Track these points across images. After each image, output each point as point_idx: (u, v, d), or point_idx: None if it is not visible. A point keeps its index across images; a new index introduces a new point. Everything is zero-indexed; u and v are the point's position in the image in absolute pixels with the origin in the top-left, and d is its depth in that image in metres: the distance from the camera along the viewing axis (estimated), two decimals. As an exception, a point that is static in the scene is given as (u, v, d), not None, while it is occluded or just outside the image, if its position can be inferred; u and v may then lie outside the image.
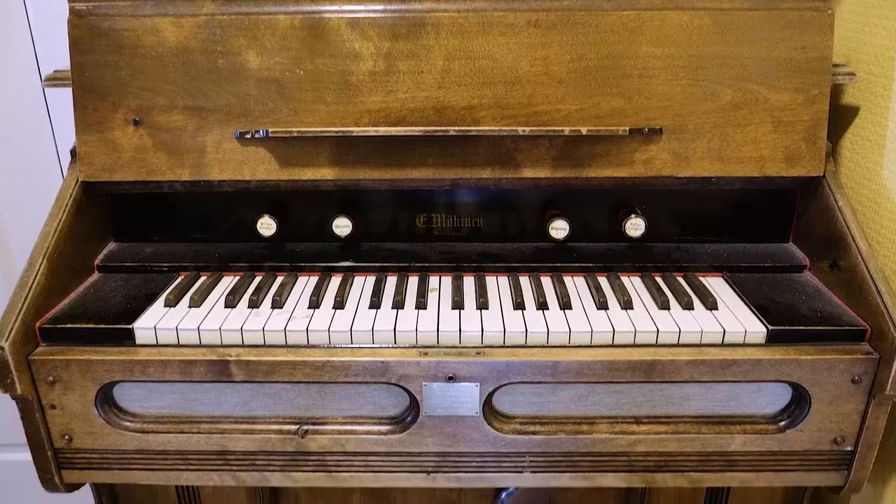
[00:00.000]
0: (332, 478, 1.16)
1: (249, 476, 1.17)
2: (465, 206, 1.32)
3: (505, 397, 1.14)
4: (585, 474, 1.17)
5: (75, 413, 1.14)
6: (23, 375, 1.09)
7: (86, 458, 1.17)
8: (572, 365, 1.08)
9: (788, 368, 1.09)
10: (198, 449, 1.16)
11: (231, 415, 1.16)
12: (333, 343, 1.11)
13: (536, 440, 1.14)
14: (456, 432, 1.13)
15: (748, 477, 1.17)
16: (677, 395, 1.14)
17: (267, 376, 1.09)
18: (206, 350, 1.11)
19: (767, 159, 1.24)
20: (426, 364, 1.07)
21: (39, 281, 1.14)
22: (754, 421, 1.16)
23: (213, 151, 1.25)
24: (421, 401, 1.10)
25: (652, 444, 1.14)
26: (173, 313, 1.16)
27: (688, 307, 1.17)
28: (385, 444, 1.14)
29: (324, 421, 1.15)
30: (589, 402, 1.14)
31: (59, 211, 1.23)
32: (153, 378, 1.11)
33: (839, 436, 1.14)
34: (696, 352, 1.09)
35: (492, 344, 1.11)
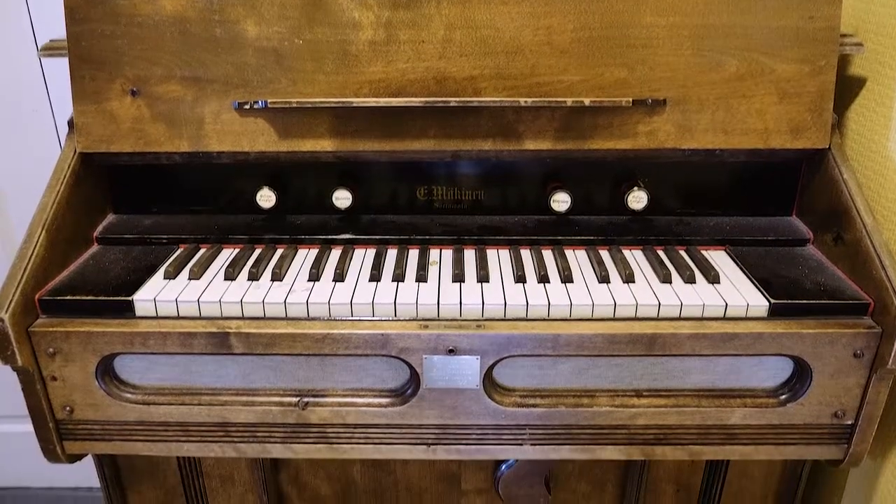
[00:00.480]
0: (332, 449, 1.17)
1: (250, 447, 1.18)
2: (466, 179, 1.31)
3: (505, 370, 1.13)
4: (585, 447, 1.17)
5: (76, 385, 1.14)
6: (23, 347, 1.09)
7: (87, 430, 1.18)
8: (573, 338, 1.07)
9: (790, 342, 1.08)
10: (199, 421, 1.16)
11: (231, 387, 1.16)
12: (334, 316, 1.11)
13: (536, 413, 1.14)
14: (456, 405, 1.13)
15: (748, 450, 1.18)
16: (678, 368, 1.13)
17: (267, 349, 1.09)
18: (206, 322, 1.11)
19: (772, 131, 1.22)
20: (426, 337, 1.07)
21: (38, 253, 1.14)
22: (755, 394, 1.16)
23: (212, 122, 1.24)
24: (421, 373, 1.10)
25: (652, 418, 1.14)
26: (173, 285, 1.16)
27: (690, 281, 1.16)
28: (385, 416, 1.14)
29: (324, 393, 1.15)
30: (589, 375, 1.14)
31: (58, 183, 1.22)
32: (153, 350, 1.11)
33: (840, 410, 1.14)
34: (698, 325, 1.09)
35: (492, 317, 1.10)
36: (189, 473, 1.40)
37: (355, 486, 1.43)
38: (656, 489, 1.41)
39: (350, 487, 1.43)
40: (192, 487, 1.42)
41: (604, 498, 1.43)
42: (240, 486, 1.41)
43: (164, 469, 1.40)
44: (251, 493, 1.42)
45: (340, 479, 1.42)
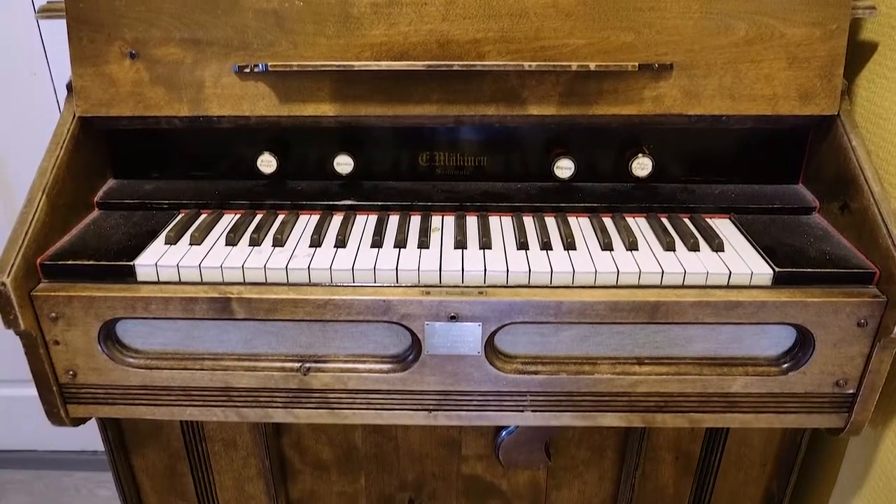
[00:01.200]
0: (334, 415, 1.17)
1: (252, 412, 1.18)
2: (468, 145, 1.30)
3: (507, 337, 1.13)
4: (586, 413, 1.17)
5: (79, 349, 1.14)
6: (25, 311, 1.09)
7: (91, 394, 1.18)
8: (575, 305, 1.07)
9: (794, 311, 1.08)
10: (201, 385, 1.16)
11: (233, 352, 1.16)
12: (335, 282, 1.11)
13: (538, 380, 1.14)
14: (457, 371, 1.13)
15: (748, 418, 1.18)
16: (680, 336, 1.13)
17: (269, 314, 1.09)
18: (207, 287, 1.10)
19: (780, 97, 1.20)
20: (428, 303, 1.07)
21: (39, 217, 1.13)
22: (757, 363, 1.16)
23: (212, 86, 1.23)
24: (423, 340, 1.10)
25: (653, 385, 1.15)
26: (174, 251, 1.15)
27: (693, 249, 1.15)
28: (387, 382, 1.14)
29: (326, 359, 1.15)
30: (591, 342, 1.13)
31: (57, 147, 1.21)
32: (155, 315, 1.11)
33: (842, 378, 1.13)
34: (701, 293, 1.08)
35: (494, 284, 1.10)
36: (192, 437, 1.41)
37: (357, 452, 1.44)
38: (656, 456, 1.42)
39: (352, 452, 1.44)
40: (195, 451, 1.43)
41: (603, 464, 1.44)
42: (242, 450, 1.43)
43: (167, 433, 1.41)
44: (253, 458, 1.44)
45: (342, 444, 1.43)
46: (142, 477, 1.48)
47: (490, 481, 1.48)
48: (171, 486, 1.49)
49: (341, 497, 1.51)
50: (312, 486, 1.49)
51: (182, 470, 1.47)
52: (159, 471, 1.47)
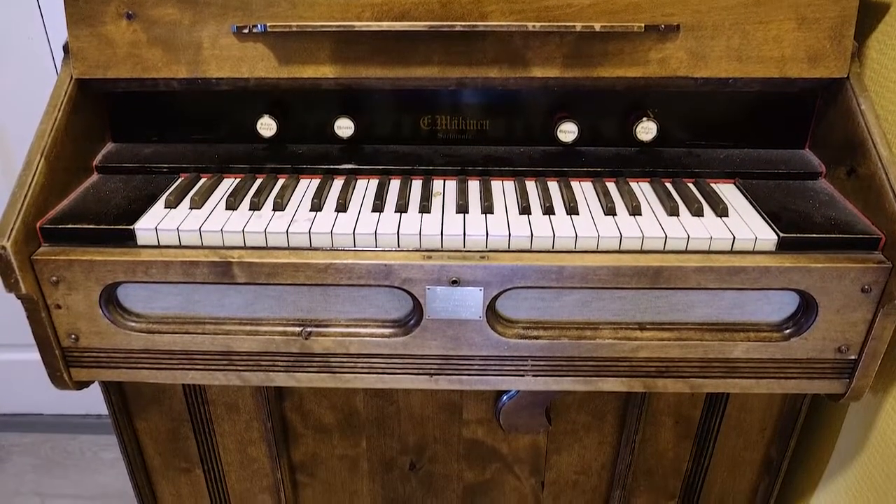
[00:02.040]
0: (335, 378, 1.18)
1: (254, 376, 1.19)
2: (470, 108, 1.28)
3: (508, 302, 1.13)
4: (587, 378, 1.17)
5: (80, 313, 1.14)
6: (26, 275, 1.09)
7: (93, 357, 1.19)
8: (577, 270, 1.06)
9: (797, 276, 1.07)
10: (203, 349, 1.17)
11: (235, 316, 1.16)
12: (336, 246, 1.10)
13: (539, 344, 1.14)
14: (459, 336, 1.13)
15: (749, 383, 1.18)
16: (682, 301, 1.13)
17: (269, 278, 1.09)
18: (208, 251, 1.10)
19: (789, 59, 1.18)
20: (430, 267, 1.06)
21: (38, 181, 1.12)
22: (759, 329, 1.15)
23: (210, 47, 1.21)
24: (424, 304, 1.10)
25: (654, 350, 1.14)
26: (174, 215, 1.14)
27: (697, 213, 1.14)
28: (388, 346, 1.14)
29: (327, 323, 1.15)
30: (593, 307, 1.13)
31: (55, 109, 1.19)
32: (156, 279, 1.10)
33: (844, 345, 1.13)
34: (704, 259, 1.08)
35: (496, 248, 1.09)
36: (194, 401, 1.42)
37: (358, 415, 1.45)
38: (656, 421, 1.43)
39: (353, 416, 1.45)
40: (198, 415, 1.44)
41: (603, 428, 1.45)
42: (245, 413, 1.44)
43: (170, 396, 1.42)
44: (256, 421, 1.45)
45: (344, 407, 1.44)
46: (145, 440, 1.50)
47: (491, 445, 1.49)
48: (175, 448, 1.50)
49: (343, 460, 1.52)
50: (315, 449, 1.50)
51: (185, 433, 1.48)
52: (162, 434, 1.48)
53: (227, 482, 1.56)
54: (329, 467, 1.54)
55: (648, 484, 1.53)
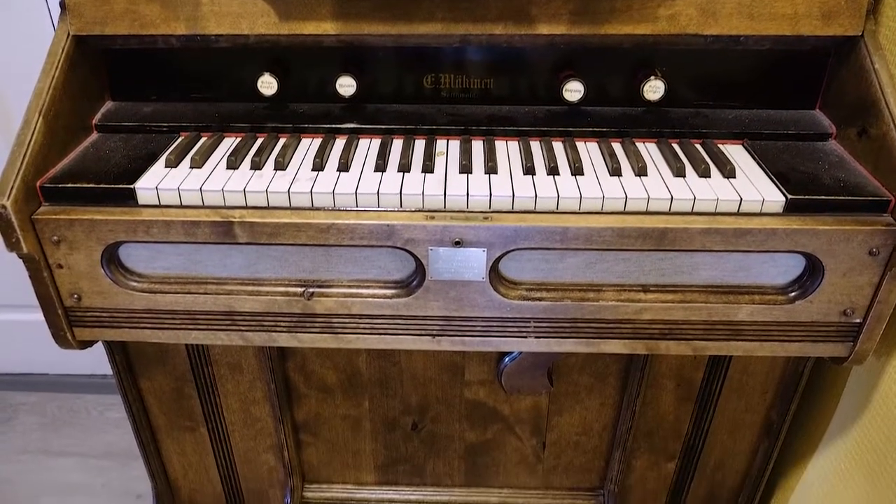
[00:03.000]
0: (338, 339, 1.18)
1: (257, 336, 1.19)
2: (474, 66, 1.25)
3: (511, 263, 1.12)
4: (589, 340, 1.17)
5: (82, 273, 1.14)
6: (27, 235, 1.08)
7: (96, 317, 1.19)
8: (582, 231, 1.05)
9: (804, 238, 1.06)
10: (205, 309, 1.16)
11: (237, 276, 1.16)
12: (338, 206, 1.09)
13: (542, 306, 1.13)
14: (461, 297, 1.12)
15: (752, 346, 1.18)
16: (687, 263, 1.12)
17: (271, 238, 1.08)
18: (209, 211, 1.09)
19: (802, 16, 1.15)
20: (432, 228, 1.05)
21: (37, 139, 1.11)
22: (763, 291, 1.15)
23: (209, 3, 1.18)
24: (427, 265, 1.09)
25: (658, 313, 1.14)
26: (175, 174, 1.13)
27: (704, 175, 1.12)
28: (390, 307, 1.14)
29: (329, 284, 1.15)
30: (597, 269, 1.12)
31: (52, 67, 1.17)
32: (157, 239, 1.10)
33: (849, 308, 1.13)
34: (710, 220, 1.06)
35: (500, 209, 1.08)
36: (198, 361, 1.43)
37: (361, 376, 1.45)
38: (657, 384, 1.43)
39: (355, 377, 1.45)
40: (202, 375, 1.45)
41: (605, 390, 1.45)
42: (248, 373, 1.44)
43: (173, 356, 1.43)
44: (259, 381, 1.45)
45: (346, 368, 1.44)
46: (150, 399, 1.51)
47: (492, 406, 1.50)
48: (179, 408, 1.52)
49: (346, 420, 1.53)
50: (318, 409, 1.51)
51: (189, 392, 1.49)
52: (167, 393, 1.49)
53: (231, 441, 1.58)
54: (332, 427, 1.55)
55: (649, 445, 1.54)
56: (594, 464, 1.59)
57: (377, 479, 1.66)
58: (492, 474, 1.63)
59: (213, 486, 1.68)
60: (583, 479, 1.62)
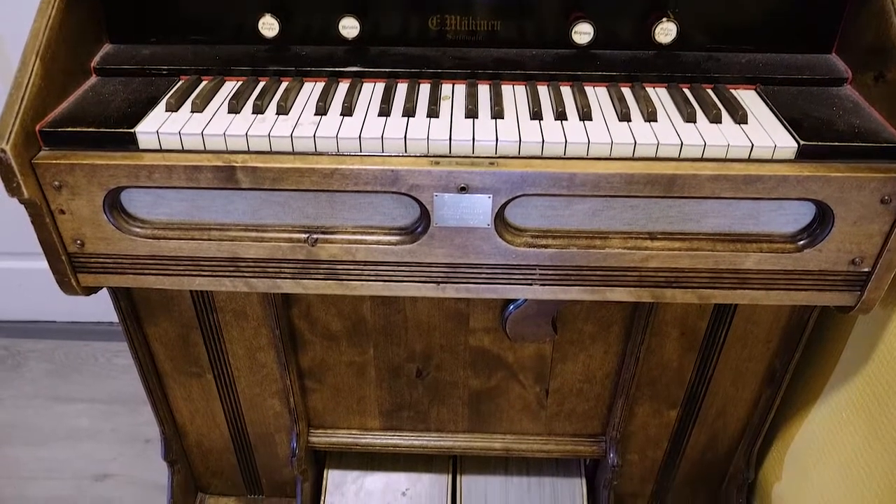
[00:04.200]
0: (342, 286, 1.17)
1: (261, 282, 1.18)
2: (481, 7, 1.21)
3: (517, 210, 1.11)
4: (595, 288, 1.17)
5: (85, 218, 1.13)
6: (28, 180, 1.07)
7: (99, 263, 1.18)
8: (589, 177, 1.04)
9: (815, 186, 1.04)
10: (209, 255, 1.16)
11: (240, 222, 1.15)
12: (342, 151, 1.07)
13: (547, 253, 1.12)
14: (466, 244, 1.11)
15: (758, 295, 1.17)
16: (695, 211, 1.10)
17: (275, 184, 1.07)
18: (211, 156, 1.07)
19: (821, -45, 1.11)
20: (437, 174, 1.04)
21: (34, 82, 1.09)
22: (772, 240, 1.13)
23: (207, -61, 1.14)
24: (432, 211, 1.08)
25: (664, 261, 1.13)
26: (175, 118, 1.11)
27: (715, 120, 1.10)
28: (395, 254, 1.13)
29: (333, 230, 1.14)
30: (604, 216, 1.11)
31: (48, 6, 1.14)
32: (159, 184, 1.09)
33: (858, 256, 1.11)
34: (720, 167, 1.05)
35: (506, 154, 1.06)
36: (203, 308, 1.43)
37: (365, 323, 1.46)
38: (661, 332, 1.43)
39: (360, 324, 1.46)
40: (207, 321, 1.46)
41: (609, 338, 1.46)
42: (253, 320, 1.45)
43: (178, 303, 1.43)
44: (264, 328, 1.46)
45: (351, 315, 1.44)
46: (156, 346, 1.52)
47: (496, 354, 1.51)
48: (185, 354, 1.53)
49: (351, 367, 1.54)
50: (323, 356, 1.52)
51: (195, 339, 1.50)
52: (172, 340, 1.50)
53: (238, 387, 1.59)
54: (337, 374, 1.56)
55: (651, 393, 1.55)
56: (597, 411, 1.61)
57: (382, 425, 1.68)
58: (495, 421, 1.65)
59: (221, 431, 1.70)
60: (585, 425, 1.64)
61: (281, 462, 1.77)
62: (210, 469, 1.82)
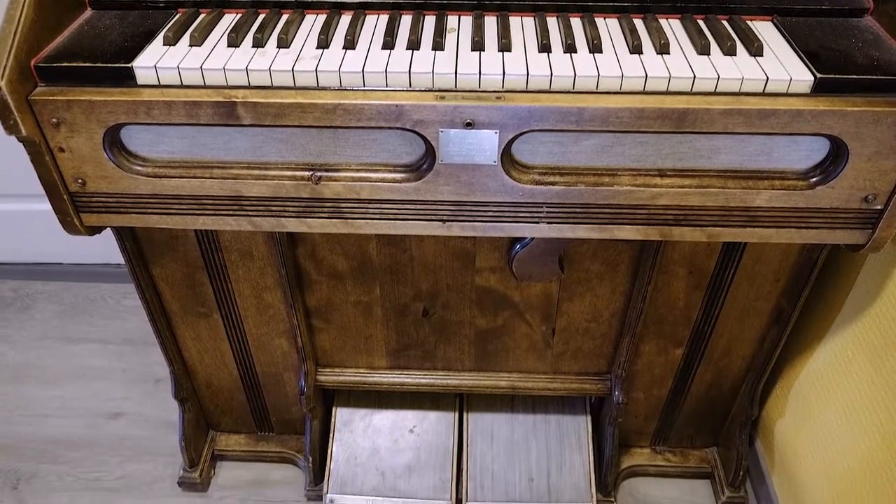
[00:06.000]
0: (347, 224, 1.16)
1: (265, 221, 1.17)
2: (489, -66, 1.17)
3: (524, 146, 1.09)
4: (602, 226, 1.15)
5: (85, 156, 1.11)
6: (25, 117, 1.05)
7: (102, 202, 1.17)
8: (599, 112, 1.01)
9: (831, 121, 1.01)
10: (212, 194, 1.15)
11: (243, 160, 1.13)
12: (345, 85, 1.04)
13: (555, 191, 1.11)
14: (472, 181, 1.10)
15: (768, 233, 1.16)
16: (706, 147, 1.08)
17: (276, 120, 1.04)
18: (211, 91, 1.05)
19: None
20: (443, 108, 1.01)
21: (27, 15, 1.06)
22: (784, 176, 1.11)
23: None
24: (437, 148, 1.06)
25: (673, 198, 1.11)
26: (174, 52, 1.08)
27: (730, 53, 1.07)
28: (400, 191, 1.12)
29: (337, 168, 1.12)
30: (612, 153, 1.09)
31: (38, -67, 1.10)
32: (159, 121, 1.07)
33: (871, 193, 1.09)
34: (734, 101, 1.02)
35: (513, 89, 1.03)
36: (208, 247, 1.43)
37: (371, 263, 1.45)
38: (668, 271, 1.42)
39: (366, 264, 1.45)
40: (212, 261, 1.45)
41: (616, 277, 1.45)
42: (259, 260, 1.44)
43: (183, 243, 1.42)
44: (270, 268, 1.46)
45: (356, 255, 1.44)
46: (162, 286, 1.52)
47: (503, 293, 1.51)
48: (192, 294, 1.53)
49: (357, 306, 1.55)
50: (329, 295, 1.52)
51: (201, 279, 1.50)
52: (179, 280, 1.50)
53: (245, 327, 1.60)
54: (343, 313, 1.57)
55: (658, 331, 1.55)
56: (602, 350, 1.61)
57: (389, 364, 1.69)
58: (501, 359, 1.66)
59: (230, 370, 1.72)
60: (591, 364, 1.65)
61: (290, 401, 1.80)
62: (220, 407, 1.85)
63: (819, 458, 1.53)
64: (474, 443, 1.79)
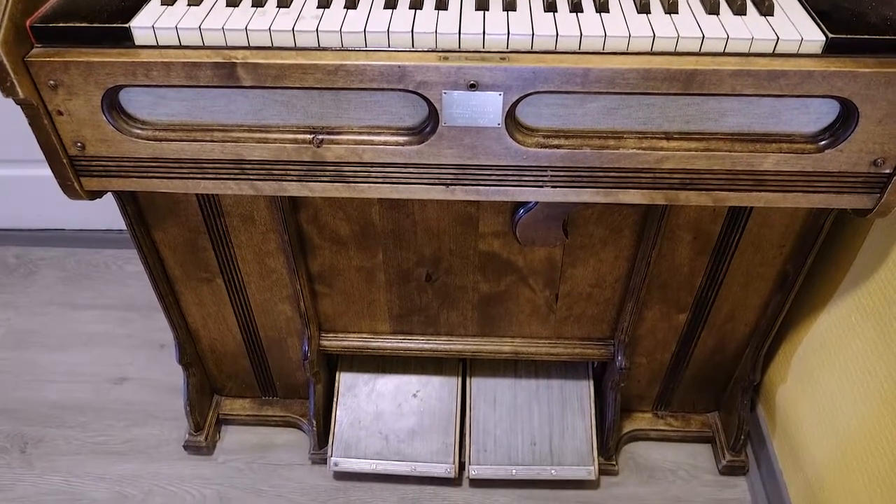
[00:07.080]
0: (349, 188, 1.15)
1: (267, 185, 1.16)
2: None
3: (529, 108, 1.07)
4: (607, 190, 1.14)
5: (83, 119, 1.10)
6: (22, 79, 1.03)
7: (102, 166, 1.16)
8: (605, 73, 0.99)
9: (842, 82, 0.99)
10: (212, 157, 1.13)
11: (243, 123, 1.12)
12: (346, 45, 1.02)
13: (559, 154, 1.09)
14: (476, 144, 1.08)
15: (775, 197, 1.14)
16: (714, 109, 1.06)
17: (277, 81, 1.03)
18: (210, 52, 1.03)
19: None
20: (446, 69, 0.99)
21: (22, -26, 1.04)
22: (792, 140, 1.09)
23: None
24: (440, 110, 1.04)
25: (680, 161, 1.10)
26: (172, 12, 1.06)
27: (740, 12, 1.04)
28: (403, 155, 1.10)
29: (339, 130, 1.11)
30: (618, 115, 1.07)
31: None
32: (158, 83, 1.05)
33: (880, 158, 1.08)
34: (743, 62, 1.00)
35: (518, 49, 1.01)
36: (210, 212, 1.42)
37: (374, 228, 1.44)
38: (673, 236, 1.42)
39: (369, 228, 1.44)
40: (215, 226, 1.44)
41: (620, 242, 1.44)
42: (261, 225, 1.44)
43: (185, 208, 1.41)
44: (272, 233, 1.45)
45: (359, 220, 1.43)
46: (165, 251, 1.51)
47: (506, 258, 1.50)
48: (195, 259, 1.53)
49: (360, 271, 1.54)
50: (332, 260, 1.52)
51: (203, 244, 1.49)
52: (181, 245, 1.50)
53: (248, 292, 1.60)
54: (346, 278, 1.56)
55: (661, 296, 1.55)
56: (606, 315, 1.61)
57: (392, 329, 1.69)
58: (504, 324, 1.66)
59: (233, 335, 1.73)
60: (594, 329, 1.65)
61: (294, 365, 1.81)
62: (224, 372, 1.86)
63: (820, 422, 1.54)
64: (477, 407, 1.80)
